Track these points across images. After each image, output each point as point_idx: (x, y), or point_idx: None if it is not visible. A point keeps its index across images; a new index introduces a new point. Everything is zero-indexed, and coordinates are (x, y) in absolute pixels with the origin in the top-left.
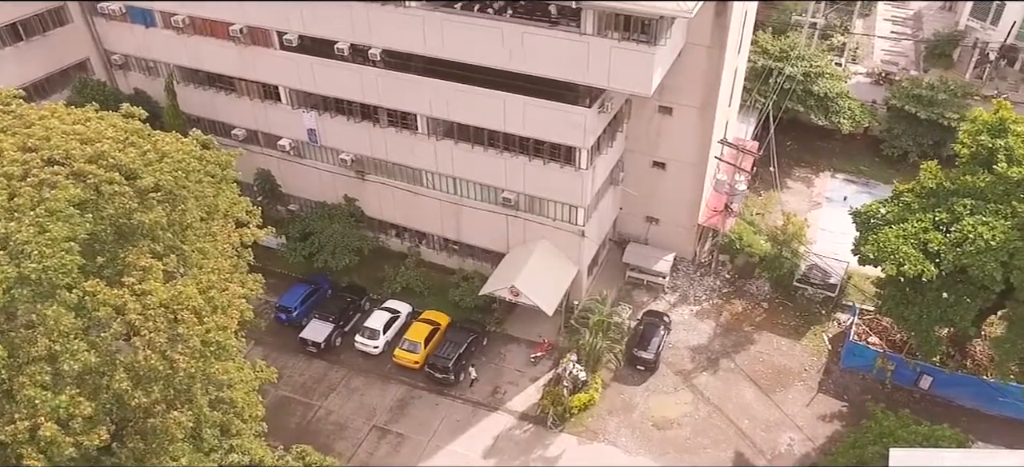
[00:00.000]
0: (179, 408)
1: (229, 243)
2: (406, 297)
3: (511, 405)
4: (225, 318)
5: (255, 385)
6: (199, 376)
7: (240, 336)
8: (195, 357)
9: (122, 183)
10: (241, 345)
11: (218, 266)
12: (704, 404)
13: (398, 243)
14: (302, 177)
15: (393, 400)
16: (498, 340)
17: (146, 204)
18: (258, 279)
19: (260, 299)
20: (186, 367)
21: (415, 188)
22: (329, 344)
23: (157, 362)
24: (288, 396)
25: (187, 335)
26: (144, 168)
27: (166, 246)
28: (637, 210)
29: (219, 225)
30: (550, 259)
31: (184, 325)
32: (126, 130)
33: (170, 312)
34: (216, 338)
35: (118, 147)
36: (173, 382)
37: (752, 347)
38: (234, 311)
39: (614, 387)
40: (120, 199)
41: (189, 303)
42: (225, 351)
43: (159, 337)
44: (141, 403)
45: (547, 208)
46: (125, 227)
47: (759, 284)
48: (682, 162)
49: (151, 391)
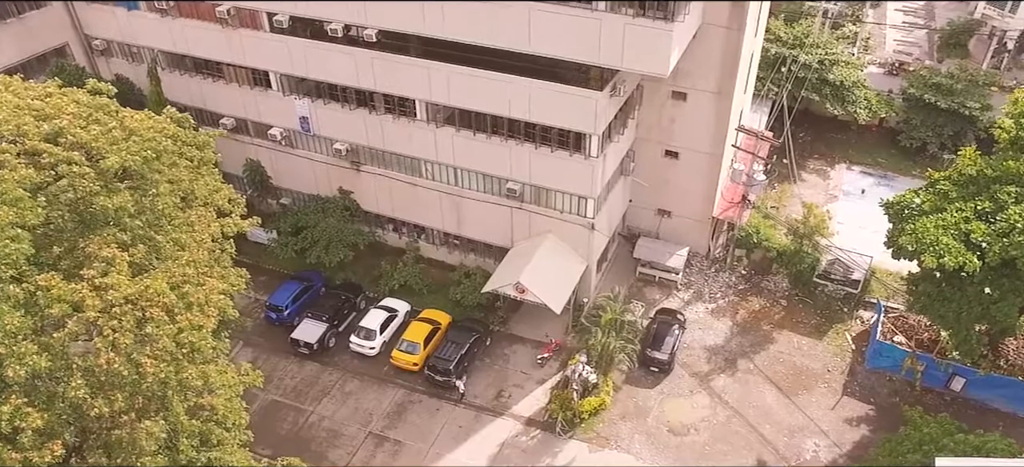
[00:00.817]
0: (152, 417)
1: (209, 233)
2: (404, 295)
3: (517, 410)
4: (201, 316)
5: (239, 390)
6: (172, 381)
7: (224, 336)
8: (165, 360)
9: (83, 164)
10: (224, 346)
11: (195, 259)
12: (722, 408)
13: (396, 238)
14: (294, 169)
15: (391, 405)
16: (502, 340)
17: (110, 188)
18: (242, 274)
19: (249, 298)
20: (155, 371)
21: (413, 179)
22: (322, 345)
23: (121, 366)
24: (278, 401)
25: (156, 335)
26: (108, 147)
27: (134, 235)
28: (648, 202)
29: (198, 214)
30: (557, 254)
31: (153, 324)
32: (90, 107)
33: (138, 309)
34: (190, 339)
35: (79, 124)
36: (140, 388)
37: (771, 347)
38: (212, 309)
39: (626, 390)
40: (80, 182)
41: (159, 299)
42: (199, 353)
43: (124, 338)
44: (103, 412)
45: (554, 199)
46: (86, 213)
47: (777, 280)
48: (696, 151)
49: (114, 399)
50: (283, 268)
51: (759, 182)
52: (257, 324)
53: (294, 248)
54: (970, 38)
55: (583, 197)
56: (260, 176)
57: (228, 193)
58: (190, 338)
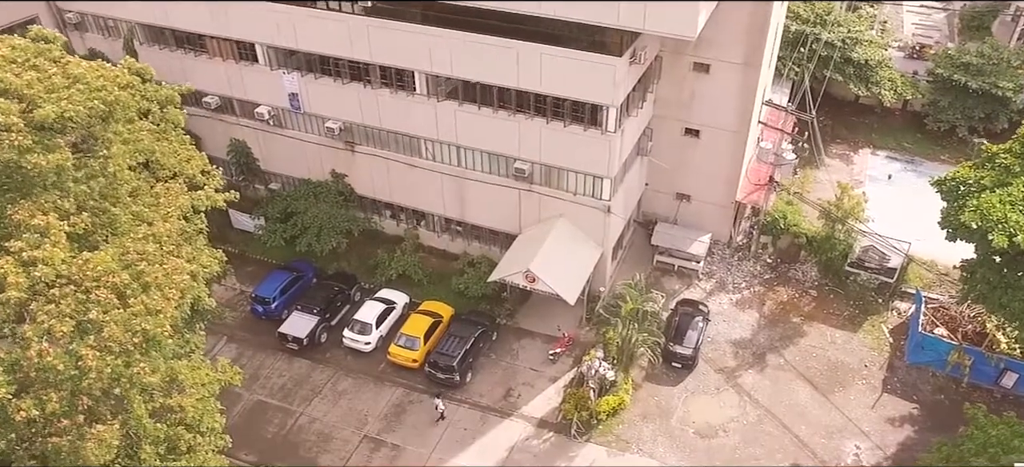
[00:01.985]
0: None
1: (176, 207)
2: (403, 286)
3: (527, 410)
4: (160, 300)
5: (215, 389)
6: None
7: (198, 328)
8: (114, 352)
9: (11, 113)
10: (199, 340)
11: (157, 233)
12: (753, 407)
13: (393, 225)
14: (283, 150)
15: (388, 405)
16: (510, 334)
17: (47, 144)
18: (216, 255)
19: (234, 289)
20: (99, 365)
21: (412, 160)
22: (313, 340)
23: (56, 359)
24: (264, 401)
25: (102, 322)
26: (44, 95)
27: (80, 203)
28: (665, 186)
29: (164, 187)
30: (570, 240)
31: (99, 308)
32: (28, 52)
33: (81, 291)
34: (143, 326)
35: (13, 71)
36: (81, 386)
37: (802, 341)
38: (173, 290)
39: (646, 388)
40: (7, 135)
41: (107, 279)
42: (155, 344)
43: (62, 325)
44: (33, 416)
45: (567, 180)
46: (16, 174)
47: (805, 269)
48: (720, 129)
49: (48, 399)
50: (271, 258)
51: (788, 161)
52: (242, 318)
53: (283, 235)
54: (994, 20)
55: (599, 177)
56: (246, 158)
57: (201, 162)
58: (143, 325)
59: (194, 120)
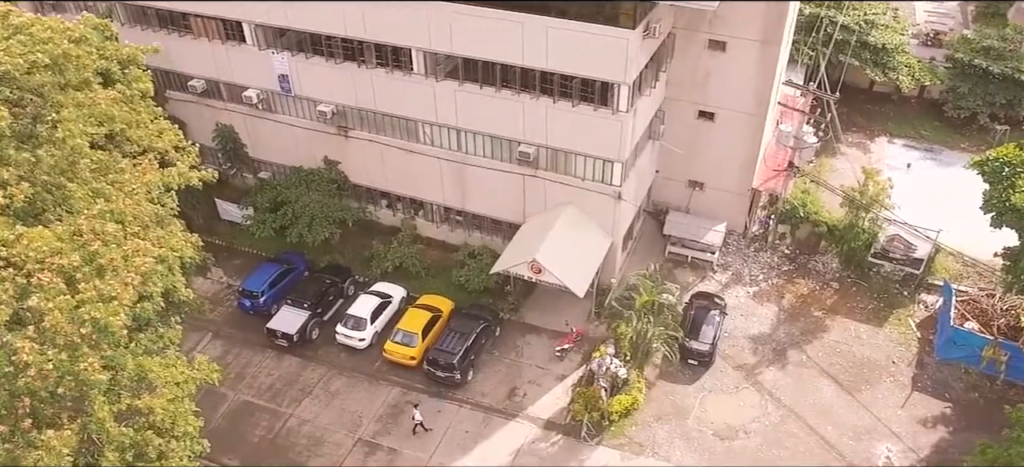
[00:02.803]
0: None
1: (143, 184)
2: (399, 279)
3: (533, 411)
4: (116, 285)
5: (191, 389)
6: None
7: (174, 322)
8: (57, 345)
9: None
10: (174, 335)
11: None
12: (775, 406)
13: (389, 216)
14: (273, 136)
15: (383, 406)
16: (514, 330)
17: None
18: (190, 240)
19: (221, 282)
20: (37, 361)
21: (409, 145)
22: (304, 336)
23: None
24: (251, 402)
25: (42, 309)
26: None
27: (21, 173)
28: (677, 173)
29: (131, 162)
30: (578, 229)
31: (41, 294)
32: None
33: (22, 274)
34: (92, 315)
35: None
36: (18, 386)
37: (825, 336)
38: (132, 274)
39: (661, 387)
40: None
41: (53, 261)
42: (107, 335)
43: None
44: None
45: (575, 165)
46: None
47: (826, 260)
48: (736, 111)
49: None
50: (261, 250)
51: (809, 145)
52: (229, 313)
53: (272, 226)
54: (1010, 7)
55: (609, 161)
56: (234, 144)
57: (174, 137)
58: (93, 314)
59: (179, 106)
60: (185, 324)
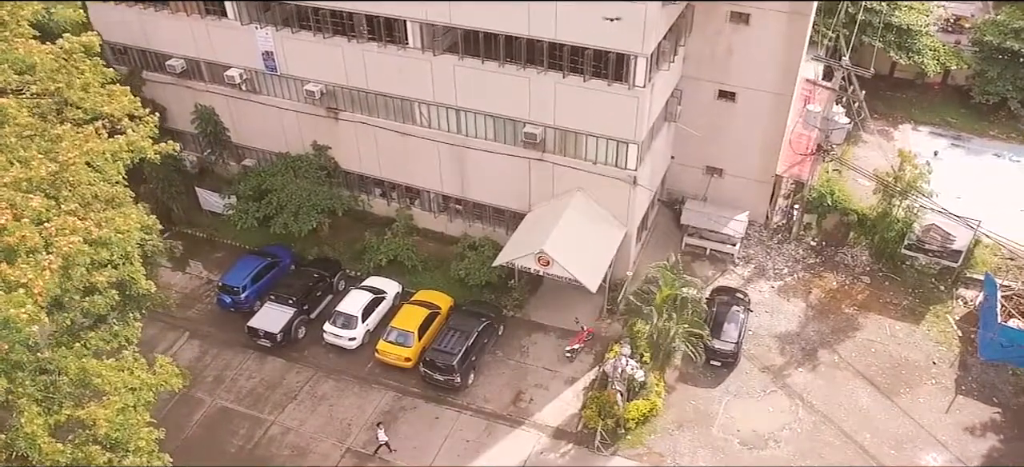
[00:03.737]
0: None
1: (82, 152)
2: (394, 273)
3: (540, 417)
4: (28, 269)
5: (150, 395)
6: None
7: (133, 318)
8: None
9: None
10: (132, 332)
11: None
12: (806, 411)
13: (383, 205)
14: (258, 120)
15: (375, 413)
16: (519, 328)
17: None
18: (144, 215)
19: (200, 277)
20: None
21: (405, 127)
22: (288, 336)
23: None
24: (229, 408)
25: None
26: None
27: None
28: (694, 158)
29: (70, 129)
30: (589, 218)
31: None
32: None
33: None
34: None
35: None
36: None
37: (858, 334)
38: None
39: (681, 390)
40: None
41: None
42: (13, 331)
43: None
44: None
45: (586, 147)
46: None
47: (855, 252)
48: (759, 90)
49: None
50: (244, 242)
51: (841, 127)
52: (208, 310)
53: (255, 216)
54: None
55: (624, 142)
56: (215, 128)
57: (128, 102)
58: None
59: (158, 88)
60: (163, 323)
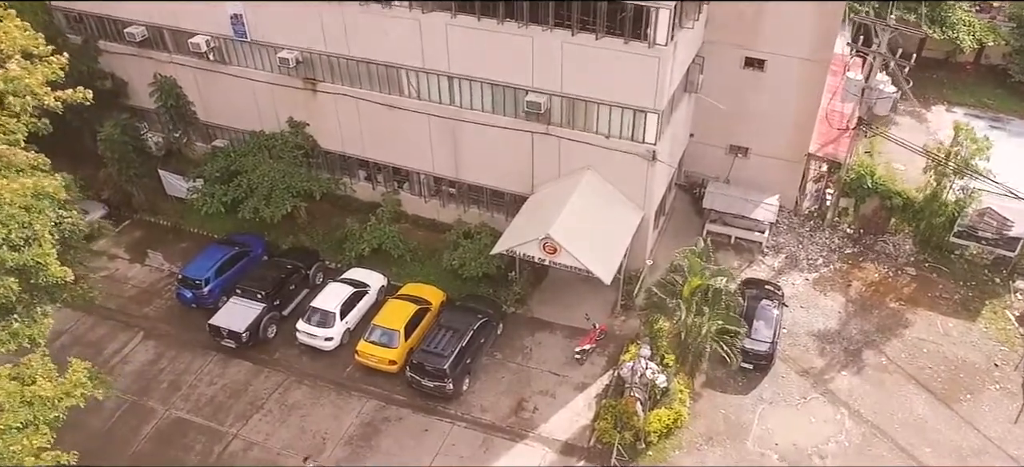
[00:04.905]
0: None
1: None
2: (378, 264)
3: (546, 430)
4: None
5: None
6: None
7: (42, 313)
8: None
9: None
10: (38, 330)
11: None
12: (854, 421)
13: (368, 189)
14: (228, 94)
15: (355, 425)
16: (521, 327)
17: None
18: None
19: (161, 270)
20: None
21: (391, 99)
22: (256, 335)
23: None
24: (184, 419)
25: None
26: None
27: None
28: (716, 136)
29: None
30: (601, 199)
31: None
32: None
33: None
34: None
35: None
36: None
37: (906, 332)
38: None
39: (707, 397)
40: None
41: None
42: None
43: None
44: None
45: (597, 117)
46: None
47: (897, 240)
48: (791, 57)
49: None
50: (214, 231)
51: (886, 96)
52: (167, 307)
53: (222, 200)
54: None
55: (642, 111)
56: (177, 102)
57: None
58: None
59: (117, 59)
60: (115, 322)
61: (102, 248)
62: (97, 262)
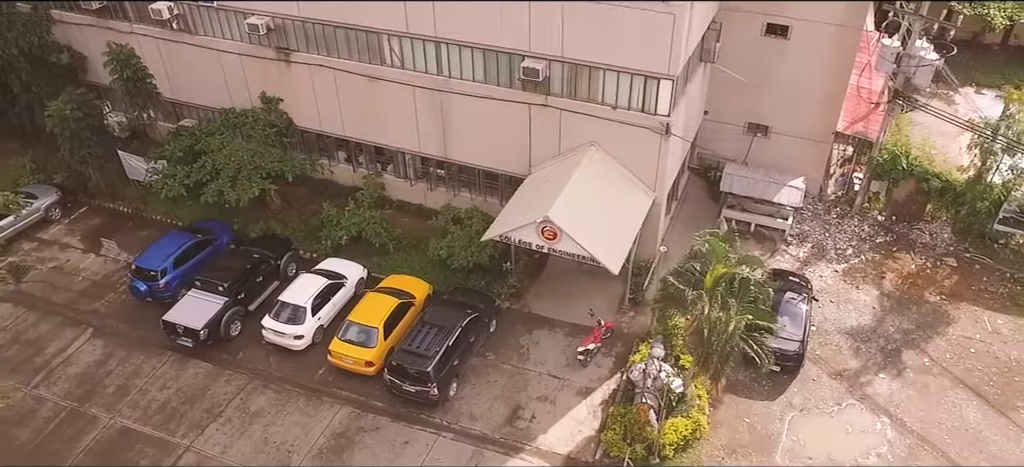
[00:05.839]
0: None
1: None
2: (359, 254)
3: (545, 441)
4: None
5: None
6: None
7: None
8: None
9: None
10: None
11: None
12: (897, 431)
13: (349, 172)
14: (194, 67)
15: (325, 435)
16: (516, 323)
17: None
18: None
19: (117, 261)
20: None
21: (372, 69)
22: (217, 333)
23: None
24: (131, 429)
25: None
26: None
27: None
28: (733, 113)
29: None
30: (607, 180)
31: None
32: None
33: None
34: None
35: None
36: None
37: (950, 330)
38: None
39: (729, 403)
40: None
41: None
42: None
43: None
44: None
45: (602, 85)
46: None
47: (934, 228)
48: (819, 21)
49: None
50: (179, 218)
51: (928, 64)
52: (121, 301)
53: (184, 182)
54: None
55: (654, 77)
56: (134, 73)
57: None
58: None
59: (73, 30)
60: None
61: (53, 237)
62: (46, 252)
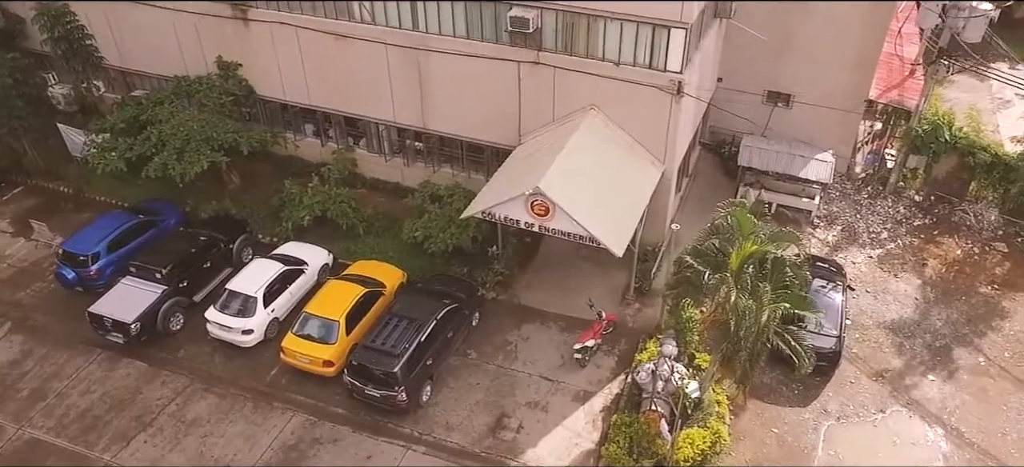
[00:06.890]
0: None
1: None
2: (325, 238)
3: (536, 455)
4: None
5: None
6: None
7: None
8: None
9: None
10: None
11: None
12: (954, 444)
13: (317, 147)
14: (144, 31)
15: (273, 449)
16: (503, 316)
17: None
18: None
19: (48, 245)
20: None
21: (340, 26)
22: (153, 327)
23: None
24: (42, 441)
25: None
26: None
27: None
28: (749, 80)
29: None
30: (608, 149)
31: None
32: None
33: None
34: None
35: None
36: None
37: (1006, 325)
38: None
39: (753, 409)
40: None
41: None
42: None
43: None
44: None
45: (602, 38)
46: None
47: (979, 209)
48: None
49: None
50: (124, 198)
51: (979, 15)
52: (49, 291)
53: (125, 156)
54: None
55: (663, 25)
56: (69, 33)
57: None
58: None
59: None
60: None
61: None
62: None
